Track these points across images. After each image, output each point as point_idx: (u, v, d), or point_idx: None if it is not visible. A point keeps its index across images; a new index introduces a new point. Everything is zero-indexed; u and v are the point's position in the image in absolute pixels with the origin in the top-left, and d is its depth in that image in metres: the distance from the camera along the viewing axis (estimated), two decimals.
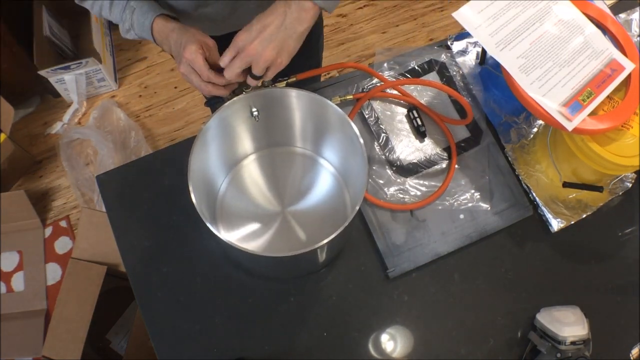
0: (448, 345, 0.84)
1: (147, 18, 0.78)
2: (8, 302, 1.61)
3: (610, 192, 0.93)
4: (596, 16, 0.86)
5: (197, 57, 0.73)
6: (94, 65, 1.81)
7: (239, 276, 0.86)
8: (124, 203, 0.90)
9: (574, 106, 0.78)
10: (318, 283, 0.86)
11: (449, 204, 0.91)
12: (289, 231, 0.86)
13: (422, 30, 2.12)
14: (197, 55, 0.73)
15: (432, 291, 0.87)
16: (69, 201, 1.81)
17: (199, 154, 0.74)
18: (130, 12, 0.79)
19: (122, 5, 0.80)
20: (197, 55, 0.73)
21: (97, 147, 1.80)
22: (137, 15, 0.79)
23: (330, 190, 0.89)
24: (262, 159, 0.91)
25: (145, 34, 0.80)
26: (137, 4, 0.79)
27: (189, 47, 0.73)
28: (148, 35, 0.80)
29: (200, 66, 0.74)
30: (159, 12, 0.79)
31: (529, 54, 0.80)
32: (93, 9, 0.83)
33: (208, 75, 0.74)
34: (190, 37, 0.75)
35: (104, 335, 1.56)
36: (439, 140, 0.95)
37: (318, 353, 0.82)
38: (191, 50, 0.73)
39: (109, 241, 1.25)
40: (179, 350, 0.82)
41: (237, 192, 0.89)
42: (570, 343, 0.78)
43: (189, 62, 0.74)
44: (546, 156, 0.92)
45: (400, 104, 0.97)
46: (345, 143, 0.80)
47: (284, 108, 0.82)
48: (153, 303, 0.84)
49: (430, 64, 0.99)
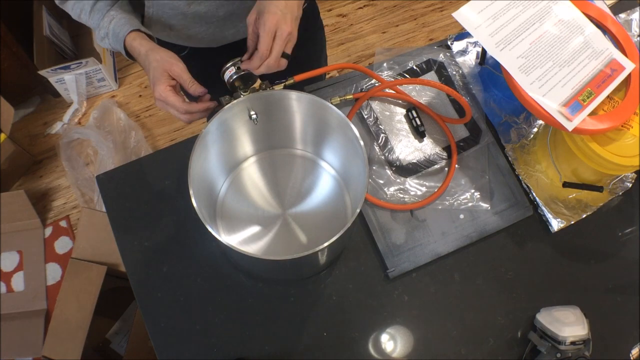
0: (448, 345, 0.84)
1: (122, 30, 0.79)
2: (8, 302, 1.61)
3: (610, 192, 0.93)
4: (596, 16, 0.86)
5: (167, 96, 0.75)
6: (94, 65, 1.81)
7: (239, 276, 0.86)
8: (124, 203, 0.90)
9: (574, 106, 0.78)
10: (318, 283, 0.86)
11: (449, 203, 0.91)
12: (289, 234, 0.86)
13: (422, 30, 2.12)
14: (168, 94, 0.74)
15: (432, 291, 0.87)
16: (69, 201, 1.81)
17: (199, 157, 0.74)
18: (109, 20, 0.80)
19: (102, 12, 0.81)
20: (167, 94, 0.74)
21: (97, 147, 1.80)
22: (114, 25, 0.80)
23: (330, 193, 0.89)
24: (262, 161, 0.91)
25: (118, 46, 0.81)
26: (117, 15, 0.80)
27: (158, 87, 0.75)
28: (120, 47, 0.81)
29: (174, 103, 0.75)
30: (135, 27, 0.80)
31: (529, 54, 0.80)
32: (73, 11, 0.83)
33: (185, 109, 0.75)
34: (156, 70, 0.75)
35: (104, 335, 1.56)
36: (438, 139, 0.95)
37: (318, 353, 0.82)
38: (159, 90, 0.74)
39: (109, 241, 1.25)
40: (179, 350, 0.82)
41: (238, 195, 0.89)
42: (570, 343, 0.78)
43: (163, 100, 0.75)
44: (546, 156, 0.92)
45: (399, 104, 0.97)
46: (345, 145, 0.80)
47: (283, 110, 0.82)
48: (153, 303, 0.84)
49: (429, 63, 0.99)
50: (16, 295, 1.62)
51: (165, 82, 0.75)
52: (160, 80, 0.75)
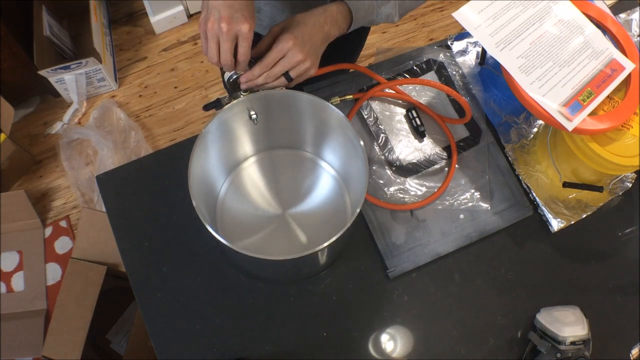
0: (448, 345, 0.84)
1: None
2: (8, 302, 1.61)
3: (610, 192, 0.93)
4: (596, 16, 0.86)
5: (250, 37, 0.68)
6: (94, 65, 1.81)
7: (238, 276, 0.86)
8: (124, 203, 0.90)
9: (574, 106, 0.78)
10: (318, 283, 0.86)
11: (449, 203, 0.91)
12: (289, 234, 0.86)
13: (422, 30, 2.12)
14: (248, 36, 0.68)
15: (432, 291, 0.87)
16: (69, 201, 1.81)
17: (199, 157, 0.74)
18: None
19: None
20: (249, 35, 0.68)
21: (97, 147, 1.80)
22: None
23: (330, 193, 0.89)
24: (262, 161, 0.91)
25: None
26: None
27: (246, 23, 0.67)
28: None
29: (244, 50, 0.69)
30: None
31: (529, 54, 0.80)
32: None
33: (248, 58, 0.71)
34: (246, 6, 0.67)
35: (104, 335, 1.56)
36: (438, 140, 0.95)
37: (318, 353, 0.82)
38: (248, 26, 0.67)
39: (109, 241, 1.25)
40: (179, 350, 0.82)
41: (237, 195, 0.89)
42: (570, 343, 0.78)
43: (236, 36, 0.68)
44: (546, 156, 0.92)
45: (399, 104, 0.97)
46: (345, 145, 0.80)
47: (283, 110, 0.82)
48: (153, 303, 0.84)
49: (429, 63, 0.99)
50: (16, 295, 1.62)
51: (253, 22, 0.67)
52: (248, 18, 0.67)
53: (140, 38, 2.06)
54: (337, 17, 0.78)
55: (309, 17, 0.76)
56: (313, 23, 0.75)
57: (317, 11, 0.77)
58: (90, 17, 1.90)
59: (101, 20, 1.98)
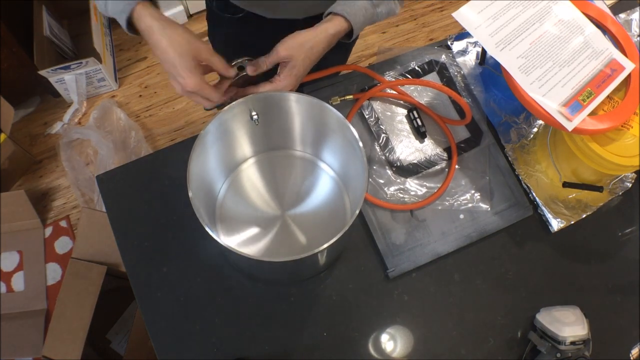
0: (448, 345, 0.84)
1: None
2: (8, 302, 1.60)
3: (610, 192, 0.93)
4: (596, 16, 0.86)
5: (203, 88, 0.69)
6: (94, 65, 1.81)
7: (238, 276, 0.86)
8: (124, 203, 0.90)
9: (574, 106, 0.78)
10: (318, 283, 0.86)
11: (449, 204, 0.91)
12: (288, 235, 0.86)
13: (422, 30, 2.12)
14: (204, 86, 0.69)
15: (432, 291, 0.87)
16: (69, 201, 1.81)
17: (198, 157, 0.74)
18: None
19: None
20: (203, 85, 0.69)
21: (97, 147, 1.80)
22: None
23: (330, 194, 0.88)
24: (262, 162, 0.91)
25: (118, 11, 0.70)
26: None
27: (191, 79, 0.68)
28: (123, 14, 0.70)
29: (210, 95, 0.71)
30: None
31: (529, 54, 0.80)
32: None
33: (220, 99, 0.73)
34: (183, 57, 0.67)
35: (104, 335, 1.56)
36: (438, 140, 0.95)
37: (318, 353, 0.82)
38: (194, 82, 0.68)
39: (109, 241, 1.25)
40: (179, 350, 0.82)
41: (237, 196, 0.89)
42: (570, 343, 0.78)
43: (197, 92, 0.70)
44: (546, 156, 0.92)
45: (400, 105, 0.97)
46: (345, 147, 0.80)
47: (283, 112, 0.81)
48: (153, 303, 0.84)
49: (431, 64, 0.99)
50: (16, 295, 1.62)
51: (198, 71, 0.68)
52: (193, 71, 0.68)
53: (140, 38, 2.06)
54: (339, 36, 0.79)
55: (317, 46, 0.76)
56: (318, 55, 0.77)
57: (323, 36, 0.76)
58: (91, 17, 1.90)
59: (101, 21, 1.98)
